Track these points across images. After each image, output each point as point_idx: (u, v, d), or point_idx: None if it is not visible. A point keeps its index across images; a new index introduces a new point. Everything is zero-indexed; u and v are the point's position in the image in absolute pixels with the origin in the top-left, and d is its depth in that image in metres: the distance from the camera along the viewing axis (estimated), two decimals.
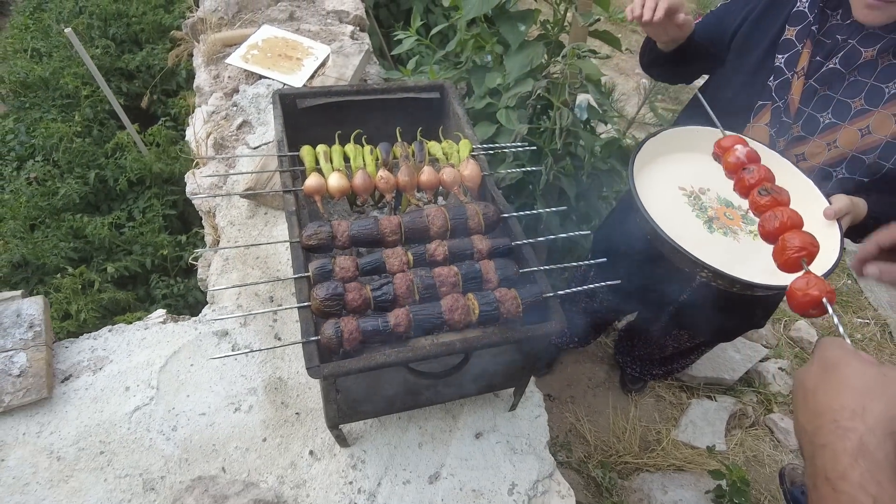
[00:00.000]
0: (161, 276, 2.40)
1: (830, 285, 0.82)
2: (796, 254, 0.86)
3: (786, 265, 0.88)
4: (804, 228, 0.90)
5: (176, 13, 3.42)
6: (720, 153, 1.07)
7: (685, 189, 1.18)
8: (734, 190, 1.03)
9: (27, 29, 3.62)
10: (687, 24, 1.19)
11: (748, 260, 1.06)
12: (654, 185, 1.15)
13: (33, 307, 1.15)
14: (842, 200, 1.07)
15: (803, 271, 0.84)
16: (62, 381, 1.14)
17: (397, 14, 3.62)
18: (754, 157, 1.02)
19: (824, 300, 0.79)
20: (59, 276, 2.21)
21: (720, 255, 1.02)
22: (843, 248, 1.05)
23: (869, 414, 0.49)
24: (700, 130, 1.20)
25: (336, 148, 1.14)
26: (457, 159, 1.16)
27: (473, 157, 1.16)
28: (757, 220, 0.96)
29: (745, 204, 1.06)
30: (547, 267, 0.99)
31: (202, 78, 1.94)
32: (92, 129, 2.91)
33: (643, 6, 1.12)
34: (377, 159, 1.14)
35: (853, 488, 0.45)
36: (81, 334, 1.26)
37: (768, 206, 0.93)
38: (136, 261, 2.38)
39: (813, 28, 1.14)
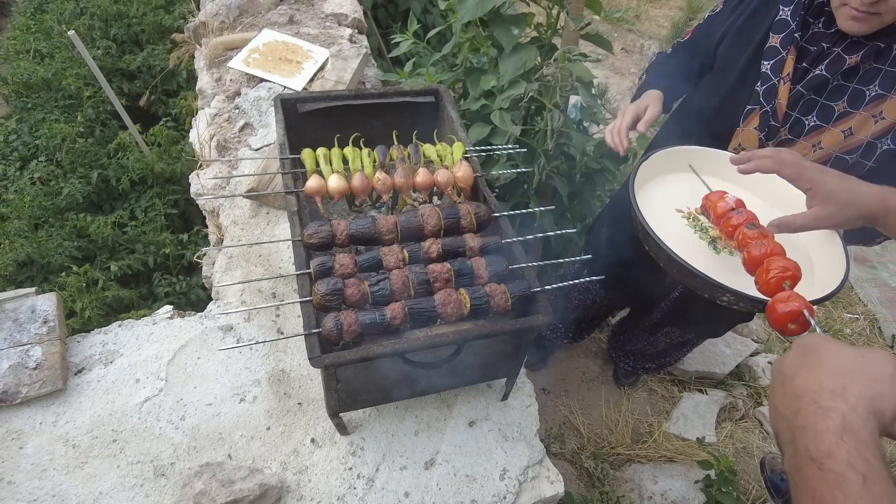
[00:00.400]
0: (163, 274, 2.45)
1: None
2: (781, 273, 0.87)
3: (767, 286, 0.88)
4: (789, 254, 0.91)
5: (176, 14, 3.46)
6: (708, 205, 1.08)
7: (682, 211, 1.18)
8: (721, 233, 1.03)
9: (28, 30, 3.65)
10: (652, 121, 1.25)
11: None
12: (653, 210, 1.14)
13: (47, 303, 1.21)
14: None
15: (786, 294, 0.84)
16: (75, 374, 1.20)
17: (395, 14, 3.66)
18: (741, 205, 1.04)
19: (805, 312, 0.80)
20: (63, 274, 2.26)
21: (732, 275, 1.00)
22: (847, 270, 1.03)
23: (849, 393, 0.48)
24: (683, 150, 1.23)
25: (335, 151, 1.19)
26: (450, 161, 1.21)
27: (466, 159, 1.21)
28: None
29: None
30: (535, 263, 1.04)
31: (204, 81, 1.99)
32: (94, 130, 2.95)
33: (614, 145, 1.27)
34: (374, 161, 1.19)
35: (841, 466, 0.44)
36: (86, 331, 1.31)
37: (755, 237, 0.95)
38: (139, 259, 2.43)
39: (796, 35, 1.19)
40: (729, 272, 1.03)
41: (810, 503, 0.45)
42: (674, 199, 1.20)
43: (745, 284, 0.96)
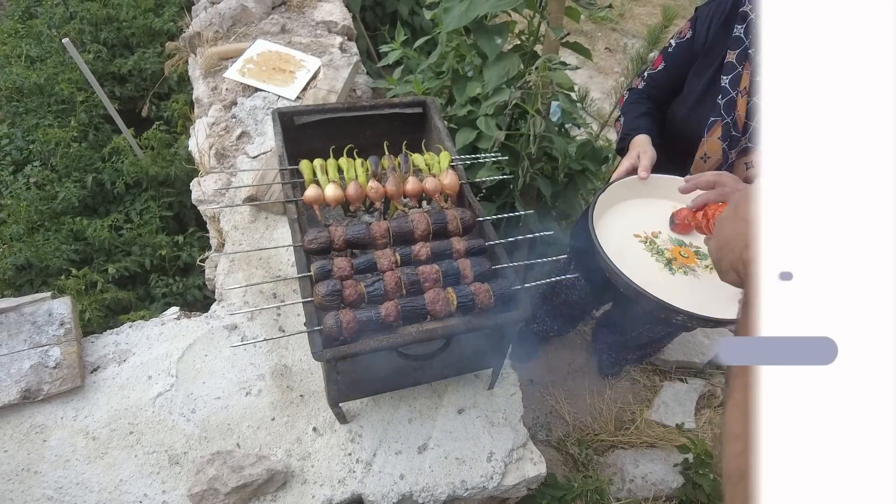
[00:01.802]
0: (160, 275, 2.49)
1: None
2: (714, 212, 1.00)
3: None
4: None
5: (166, 17, 3.49)
6: (684, 216, 1.16)
7: (640, 235, 1.23)
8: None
9: (17, 34, 3.66)
10: (650, 165, 1.29)
11: (711, 294, 1.08)
12: (614, 236, 1.20)
13: (63, 307, 1.29)
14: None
15: None
16: (91, 372, 1.28)
17: (383, 17, 3.72)
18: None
19: None
20: (62, 277, 2.30)
21: (686, 294, 1.06)
22: None
23: None
24: (637, 180, 1.30)
25: (331, 161, 1.27)
26: (438, 169, 1.30)
27: (452, 167, 1.31)
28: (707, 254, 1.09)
29: (695, 241, 1.18)
30: (515, 264, 1.14)
31: (201, 90, 2.06)
32: (88, 134, 2.96)
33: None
34: (367, 171, 1.28)
35: None
36: (88, 333, 1.38)
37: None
38: (136, 261, 2.45)
39: (749, 52, 1.30)
40: (683, 292, 1.09)
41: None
42: (633, 225, 1.26)
43: (697, 304, 1.02)
